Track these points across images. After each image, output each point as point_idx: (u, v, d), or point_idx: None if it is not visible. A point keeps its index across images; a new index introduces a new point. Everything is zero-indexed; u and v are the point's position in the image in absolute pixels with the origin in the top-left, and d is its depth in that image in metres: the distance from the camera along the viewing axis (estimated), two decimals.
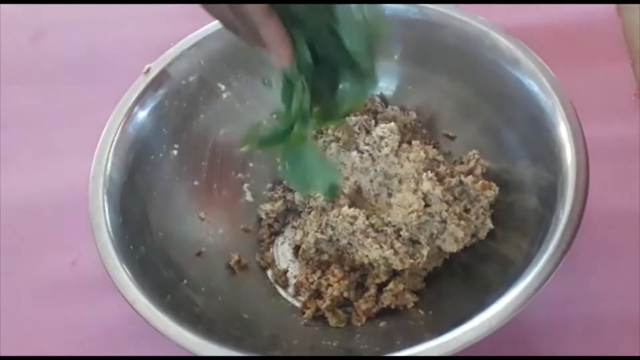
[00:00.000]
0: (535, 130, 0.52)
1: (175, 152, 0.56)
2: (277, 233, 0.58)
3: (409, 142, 0.57)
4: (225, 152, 0.59)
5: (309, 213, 0.55)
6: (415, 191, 0.51)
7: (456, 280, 0.52)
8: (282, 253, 0.57)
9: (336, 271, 0.53)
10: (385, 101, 0.61)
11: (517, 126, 0.54)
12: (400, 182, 0.53)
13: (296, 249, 0.56)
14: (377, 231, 0.51)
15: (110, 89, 0.55)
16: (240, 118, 0.60)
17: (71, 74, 0.71)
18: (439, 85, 0.59)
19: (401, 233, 0.51)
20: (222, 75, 0.59)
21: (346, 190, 0.54)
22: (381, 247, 0.51)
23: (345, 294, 0.52)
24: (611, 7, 0.68)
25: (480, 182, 0.53)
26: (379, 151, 0.54)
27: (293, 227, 0.58)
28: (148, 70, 0.56)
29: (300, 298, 0.54)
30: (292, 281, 0.55)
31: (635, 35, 0.62)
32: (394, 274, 0.52)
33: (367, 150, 0.54)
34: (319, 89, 0.45)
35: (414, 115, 0.60)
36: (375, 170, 0.54)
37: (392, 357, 0.44)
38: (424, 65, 0.59)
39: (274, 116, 0.49)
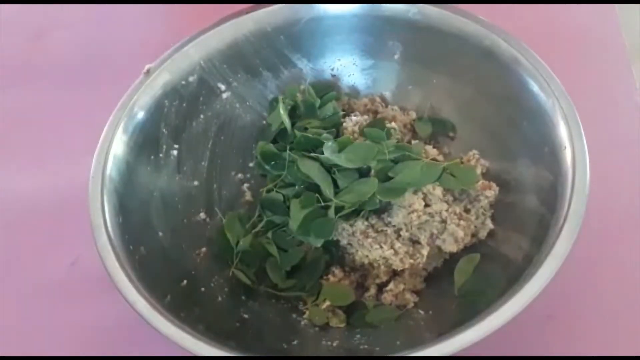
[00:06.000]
0: (535, 130, 0.52)
1: (175, 152, 0.56)
2: None
3: (409, 142, 0.57)
4: (225, 152, 0.59)
5: None
6: (415, 191, 0.51)
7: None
8: None
9: (336, 271, 0.53)
10: (385, 101, 0.61)
11: (517, 126, 0.54)
12: None
13: None
14: (377, 231, 0.51)
15: (110, 89, 0.54)
16: (240, 118, 0.60)
17: (71, 74, 0.71)
18: (439, 85, 0.59)
19: (401, 233, 0.51)
20: (222, 75, 0.59)
21: None
22: (381, 247, 0.51)
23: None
24: (611, 7, 0.68)
25: (480, 182, 0.53)
26: None
27: None
28: (148, 70, 0.56)
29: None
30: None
31: (635, 35, 0.62)
32: (394, 274, 0.52)
33: None
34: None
35: (414, 115, 0.60)
36: None
37: (392, 357, 0.44)
38: (424, 65, 0.59)
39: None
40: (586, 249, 0.47)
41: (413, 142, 0.57)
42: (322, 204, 0.51)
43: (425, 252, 0.51)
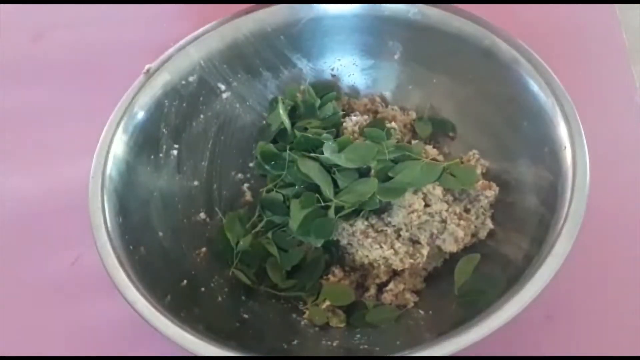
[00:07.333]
0: (535, 130, 0.52)
1: (175, 152, 0.56)
2: None
3: (409, 142, 0.57)
4: (225, 152, 0.59)
5: None
6: (415, 191, 0.51)
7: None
8: None
9: (336, 271, 0.53)
10: (385, 101, 0.61)
11: (517, 126, 0.54)
12: None
13: None
14: (377, 231, 0.51)
15: (110, 89, 0.54)
16: (240, 118, 0.60)
17: (71, 74, 0.71)
18: (439, 85, 0.59)
19: (401, 233, 0.51)
20: (222, 75, 0.59)
21: None
22: (381, 247, 0.51)
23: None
24: (611, 7, 0.68)
25: (480, 182, 0.53)
26: None
27: None
28: (148, 70, 0.56)
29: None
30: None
31: (635, 35, 0.62)
32: (394, 274, 0.52)
33: None
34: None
35: (414, 115, 0.60)
36: None
37: (392, 357, 0.44)
38: (424, 65, 0.59)
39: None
40: (586, 249, 0.47)
41: (413, 142, 0.57)
42: (322, 204, 0.51)
43: (425, 252, 0.51)
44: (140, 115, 0.54)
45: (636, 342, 0.50)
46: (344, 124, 0.57)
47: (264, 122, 0.60)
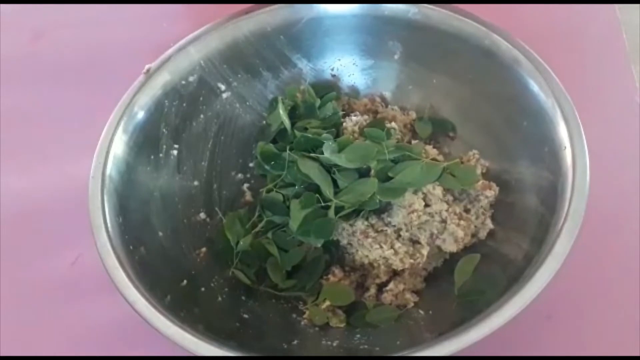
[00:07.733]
0: (535, 130, 0.52)
1: (175, 152, 0.56)
2: None
3: (409, 142, 0.57)
4: (225, 152, 0.59)
5: None
6: (415, 191, 0.51)
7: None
8: None
9: (336, 271, 0.53)
10: (385, 101, 0.61)
11: (517, 126, 0.54)
12: None
13: None
14: (377, 231, 0.51)
15: (110, 89, 0.54)
16: (240, 118, 0.60)
17: (71, 74, 0.71)
18: (439, 85, 0.59)
19: (401, 233, 0.51)
20: (222, 75, 0.59)
21: None
22: (381, 247, 0.51)
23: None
24: (611, 7, 0.68)
25: (480, 182, 0.53)
26: None
27: None
28: (148, 70, 0.56)
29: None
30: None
31: (635, 35, 0.62)
32: (394, 274, 0.52)
33: None
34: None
35: (413, 115, 0.60)
36: None
37: (392, 357, 0.44)
38: (424, 65, 0.59)
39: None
40: (586, 249, 0.47)
41: (413, 142, 0.57)
42: (322, 204, 0.51)
43: (425, 252, 0.51)
44: (140, 115, 0.54)
45: (636, 342, 0.50)
46: (344, 124, 0.57)
47: (264, 122, 0.60)
